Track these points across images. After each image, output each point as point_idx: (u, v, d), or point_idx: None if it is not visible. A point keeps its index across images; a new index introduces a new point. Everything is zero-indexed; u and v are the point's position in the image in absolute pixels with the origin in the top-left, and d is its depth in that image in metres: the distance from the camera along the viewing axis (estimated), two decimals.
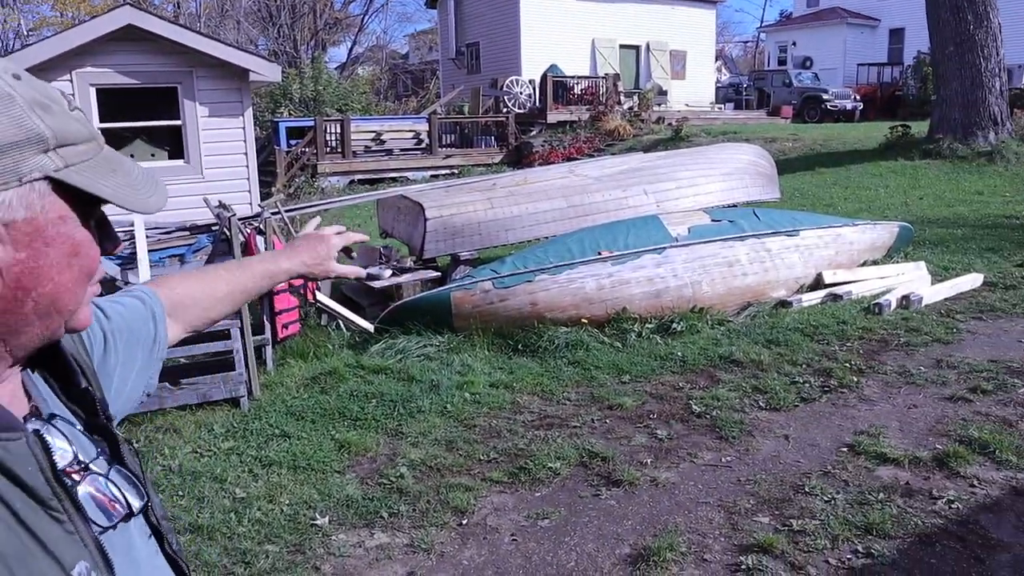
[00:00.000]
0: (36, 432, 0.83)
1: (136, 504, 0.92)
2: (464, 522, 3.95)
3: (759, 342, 6.32)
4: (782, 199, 10.31)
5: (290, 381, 5.85)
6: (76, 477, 0.85)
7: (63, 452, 0.85)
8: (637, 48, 28.21)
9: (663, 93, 26.34)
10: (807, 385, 5.47)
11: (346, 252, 1.66)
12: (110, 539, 0.86)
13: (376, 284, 7.41)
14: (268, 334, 5.97)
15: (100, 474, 0.89)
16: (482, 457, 4.63)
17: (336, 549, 3.74)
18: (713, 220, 7.46)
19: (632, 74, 28.01)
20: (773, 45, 39.53)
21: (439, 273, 7.70)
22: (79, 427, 0.93)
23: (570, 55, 26.03)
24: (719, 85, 32.90)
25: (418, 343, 6.26)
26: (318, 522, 3.97)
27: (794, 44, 36.83)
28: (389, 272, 7.47)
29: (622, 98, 23.56)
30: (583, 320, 6.52)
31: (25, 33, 32.55)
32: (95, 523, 0.85)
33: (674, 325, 6.57)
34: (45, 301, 0.82)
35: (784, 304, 7.15)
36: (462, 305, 6.43)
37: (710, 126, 21.84)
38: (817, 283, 7.52)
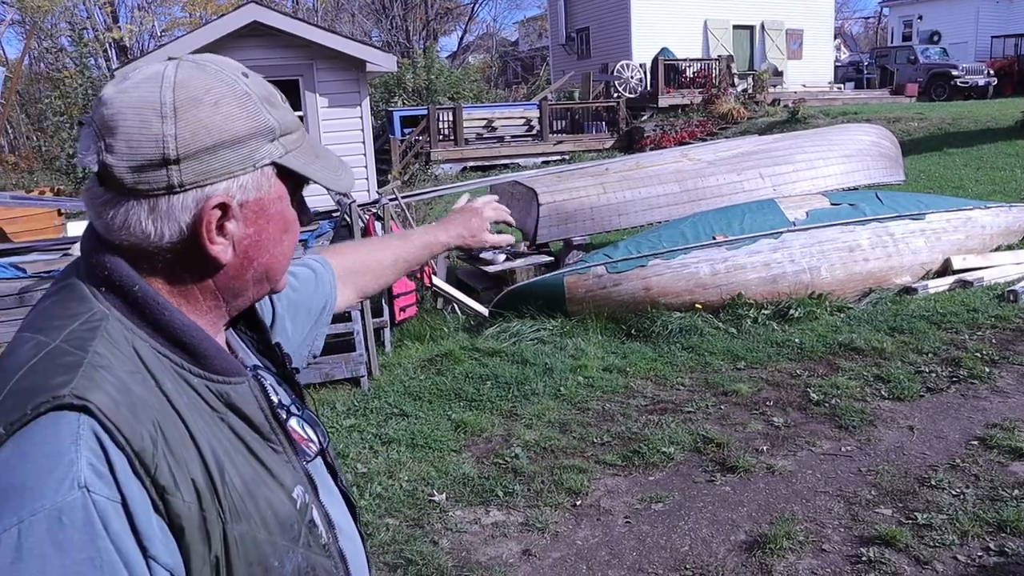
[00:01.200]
0: (255, 376, 0.97)
1: (323, 442, 1.09)
2: (578, 503, 4.00)
3: (881, 330, 6.11)
4: (907, 181, 9.87)
5: (407, 362, 6.03)
6: (285, 419, 1.00)
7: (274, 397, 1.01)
8: (751, 28, 27.42)
9: (779, 74, 25.53)
10: (933, 375, 5.26)
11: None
12: (311, 471, 1.02)
13: (490, 269, 7.53)
14: (386, 316, 6.17)
15: (297, 416, 1.05)
16: (595, 440, 4.67)
17: (453, 525, 3.86)
18: (833, 204, 7.24)
19: (746, 55, 27.26)
20: (897, 20, 37.60)
21: (552, 258, 7.76)
22: (272, 378, 1.08)
23: (681, 38, 25.53)
24: (838, 64, 31.54)
25: (532, 327, 6.34)
26: (436, 498, 4.10)
27: (920, 18, 34.93)
28: (503, 257, 7.58)
29: (736, 80, 22.97)
30: (697, 305, 6.45)
31: (159, 34, 34.30)
32: (305, 466, 1.00)
33: (791, 311, 6.42)
34: (262, 270, 0.96)
35: (909, 291, 6.87)
36: (575, 289, 6.47)
37: (829, 107, 21.05)
38: (945, 269, 7.19)
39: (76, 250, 6.30)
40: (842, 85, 28.35)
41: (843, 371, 5.43)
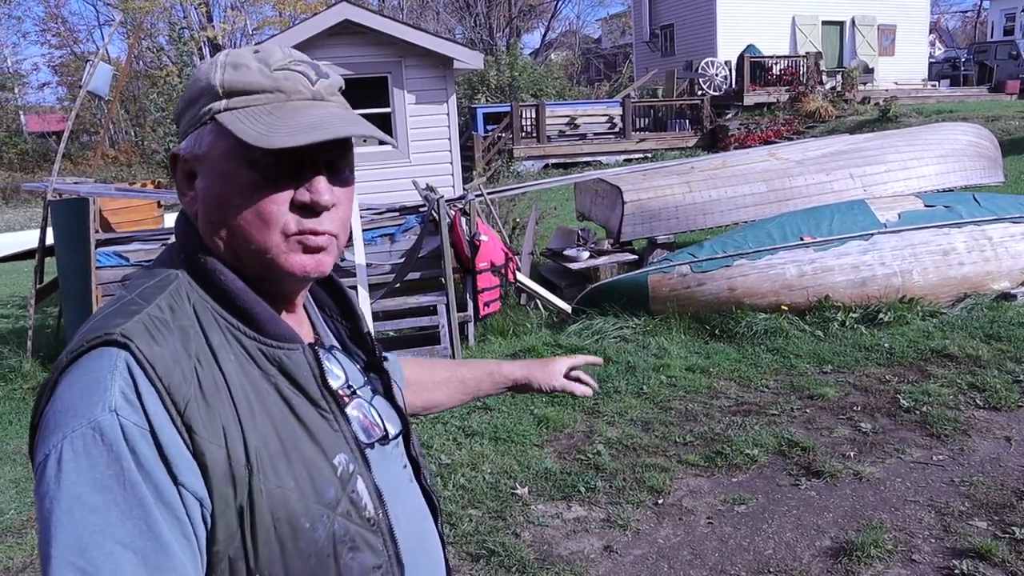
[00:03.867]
0: (312, 348, 1.01)
1: (392, 431, 1.10)
2: (660, 502, 4.00)
3: (977, 336, 5.91)
4: (1007, 183, 9.51)
5: (491, 356, 6.11)
6: (346, 399, 1.03)
7: (335, 375, 1.04)
8: (841, 24, 26.68)
9: (869, 71, 24.79)
10: None
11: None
12: (369, 454, 1.03)
13: (573, 266, 7.56)
14: (471, 311, 6.26)
15: (364, 400, 1.08)
16: (678, 439, 4.66)
17: (535, 518, 3.91)
18: (926, 205, 7.02)
19: (835, 52, 26.55)
20: (998, 14, 35.99)
21: (636, 256, 7.74)
22: (358, 365, 1.13)
23: (768, 34, 25.02)
24: (933, 60, 30.43)
25: (614, 324, 6.35)
26: (518, 491, 4.16)
27: None
28: (587, 254, 7.60)
29: (824, 77, 22.41)
30: (782, 307, 6.36)
31: (250, 32, 35.31)
32: (358, 436, 1.03)
33: (881, 315, 6.27)
34: (223, 229, 0.97)
35: (1007, 297, 6.62)
36: (659, 288, 6.45)
37: (922, 105, 20.36)
38: None
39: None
40: (937, 82, 27.34)
41: (935, 378, 5.28)
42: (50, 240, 6.83)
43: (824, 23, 26.24)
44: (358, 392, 1.07)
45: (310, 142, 0.92)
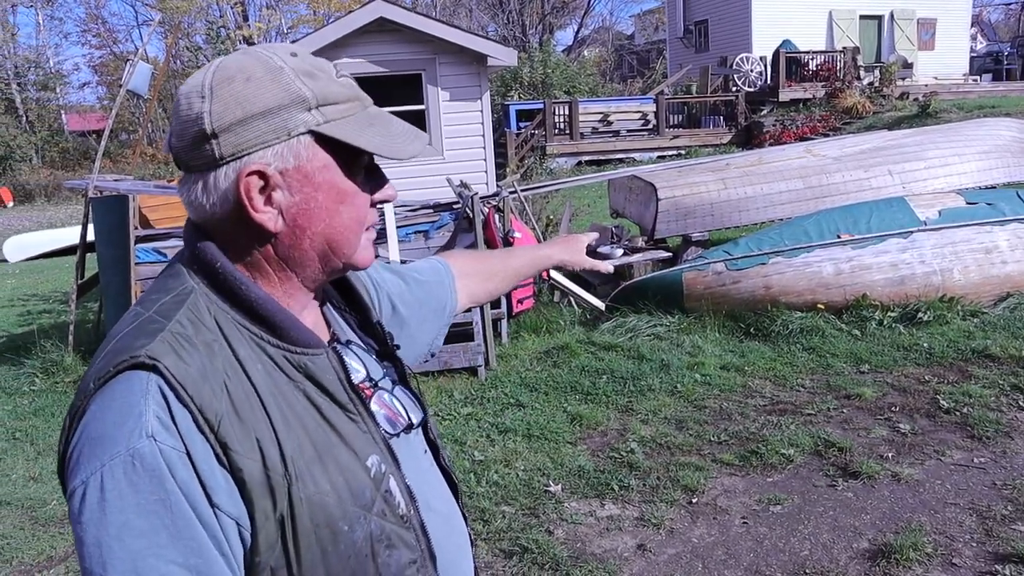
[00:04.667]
0: (334, 350, 1.02)
1: (415, 418, 1.12)
2: (694, 501, 3.98)
3: (1020, 336, 5.79)
4: None
5: (524, 354, 6.11)
6: (368, 392, 1.05)
7: (356, 371, 1.05)
8: (879, 18, 26.26)
9: (908, 66, 24.38)
10: None
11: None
12: (395, 444, 1.05)
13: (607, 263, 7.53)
14: (504, 308, 6.27)
15: (386, 391, 1.09)
16: (712, 438, 4.62)
17: (568, 516, 3.90)
18: (968, 203, 6.89)
19: (873, 47, 26.15)
20: None
21: (670, 253, 7.69)
22: (372, 354, 1.14)
23: (804, 29, 24.70)
24: (974, 55, 29.86)
25: (648, 322, 6.32)
26: (551, 489, 4.15)
27: None
28: (620, 251, 7.57)
29: (861, 73, 22.09)
30: (819, 305, 6.28)
31: (285, 31, 35.64)
32: (383, 429, 1.04)
33: (920, 314, 6.17)
34: (320, 240, 0.98)
35: None
36: (694, 286, 6.41)
37: (963, 100, 19.98)
38: None
39: None
40: (978, 77, 26.85)
41: (976, 379, 5.19)
42: (91, 236, 6.94)
43: (862, 17, 25.86)
44: (379, 384, 1.08)
45: (423, 150, 0.99)
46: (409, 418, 1.10)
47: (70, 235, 13.24)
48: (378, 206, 1.05)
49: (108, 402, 0.85)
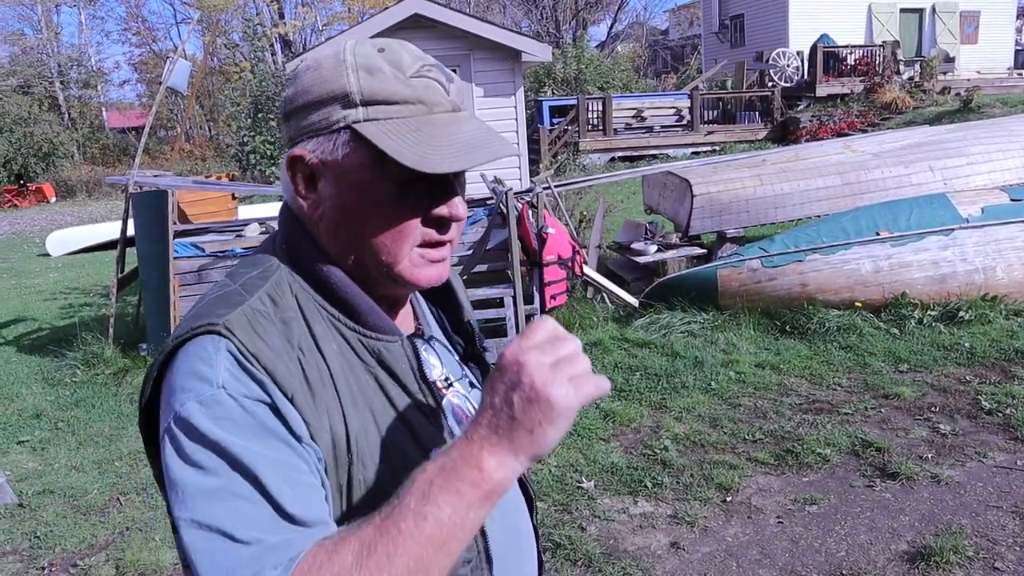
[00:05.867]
0: (411, 340, 1.02)
1: None
2: (728, 499, 3.95)
3: None
4: None
5: None
6: (443, 391, 1.05)
7: (432, 366, 1.06)
8: (920, 11, 25.81)
9: (950, 60, 23.90)
10: None
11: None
12: None
13: (641, 259, 7.50)
14: (537, 304, 6.26)
15: (461, 392, 1.08)
16: (747, 437, 4.58)
17: (601, 512, 3.89)
18: (1012, 199, 6.75)
19: (913, 40, 25.70)
20: None
21: (705, 250, 7.64)
22: (455, 354, 1.14)
23: (842, 23, 24.35)
24: (1019, 48, 29.20)
25: (682, 319, 6.28)
26: (584, 485, 4.14)
27: None
28: (654, 248, 7.53)
29: (901, 67, 21.70)
30: (856, 303, 6.20)
31: (320, 28, 35.90)
32: (452, 428, 1.03)
33: (961, 313, 6.06)
34: (353, 239, 0.97)
35: None
36: (728, 283, 6.35)
37: (1007, 95, 19.56)
38: None
39: (249, 231, 6.73)
40: (1023, 71, 26.26)
41: (1020, 380, 5.08)
42: (131, 231, 7.05)
43: (902, 11, 25.43)
44: (455, 384, 1.08)
45: (473, 165, 0.92)
46: None
47: (110, 230, 13.45)
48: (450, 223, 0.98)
49: (183, 359, 0.88)
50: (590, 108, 19.69)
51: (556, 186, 7.25)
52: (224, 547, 0.78)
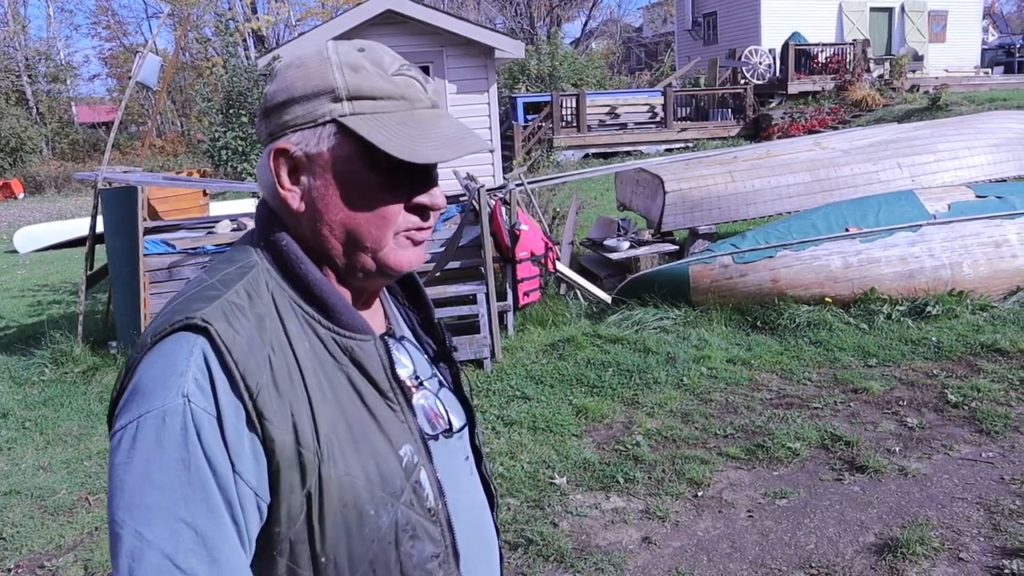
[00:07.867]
0: (383, 339, 1.04)
1: (456, 423, 1.12)
2: (699, 494, 3.98)
3: None
4: None
5: (530, 346, 6.11)
6: (413, 390, 1.06)
7: (403, 366, 1.07)
8: (890, 10, 26.10)
9: (918, 58, 24.19)
10: None
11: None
12: (432, 445, 1.06)
13: (613, 256, 7.52)
14: (510, 300, 6.27)
15: (430, 391, 1.10)
16: (718, 432, 4.62)
17: (573, 508, 3.90)
18: (978, 196, 6.86)
19: (883, 39, 25.98)
20: None
21: (677, 246, 7.68)
22: (426, 354, 1.16)
23: (814, 21, 24.58)
24: (986, 47, 29.59)
25: (654, 315, 6.31)
26: (556, 481, 4.16)
27: None
28: (627, 244, 7.55)
29: (871, 65, 21.94)
30: (826, 299, 6.26)
31: (293, 23, 35.60)
32: (422, 427, 1.05)
33: (928, 308, 6.14)
34: (339, 229, 0.99)
35: None
36: (700, 279, 6.39)
37: (974, 93, 19.84)
38: None
39: (221, 228, 6.67)
40: (990, 70, 26.67)
41: (985, 373, 5.16)
42: (100, 228, 6.96)
43: (872, 9, 25.70)
44: (425, 383, 1.10)
45: (455, 156, 0.97)
46: (450, 421, 1.11)
47: (80, 226, 13.24)
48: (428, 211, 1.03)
49: (156, 358, 0.89)
50: (564, 105, 19.70)
51: (529, 182, 7.26)
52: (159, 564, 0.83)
